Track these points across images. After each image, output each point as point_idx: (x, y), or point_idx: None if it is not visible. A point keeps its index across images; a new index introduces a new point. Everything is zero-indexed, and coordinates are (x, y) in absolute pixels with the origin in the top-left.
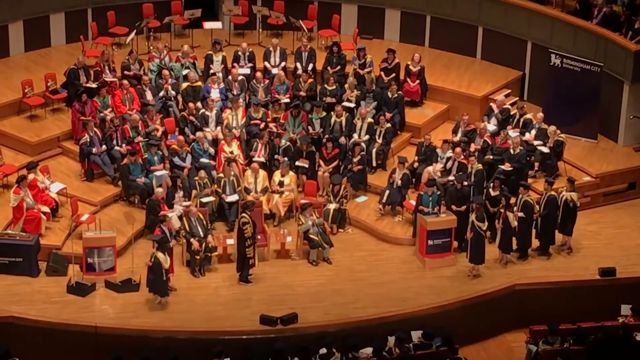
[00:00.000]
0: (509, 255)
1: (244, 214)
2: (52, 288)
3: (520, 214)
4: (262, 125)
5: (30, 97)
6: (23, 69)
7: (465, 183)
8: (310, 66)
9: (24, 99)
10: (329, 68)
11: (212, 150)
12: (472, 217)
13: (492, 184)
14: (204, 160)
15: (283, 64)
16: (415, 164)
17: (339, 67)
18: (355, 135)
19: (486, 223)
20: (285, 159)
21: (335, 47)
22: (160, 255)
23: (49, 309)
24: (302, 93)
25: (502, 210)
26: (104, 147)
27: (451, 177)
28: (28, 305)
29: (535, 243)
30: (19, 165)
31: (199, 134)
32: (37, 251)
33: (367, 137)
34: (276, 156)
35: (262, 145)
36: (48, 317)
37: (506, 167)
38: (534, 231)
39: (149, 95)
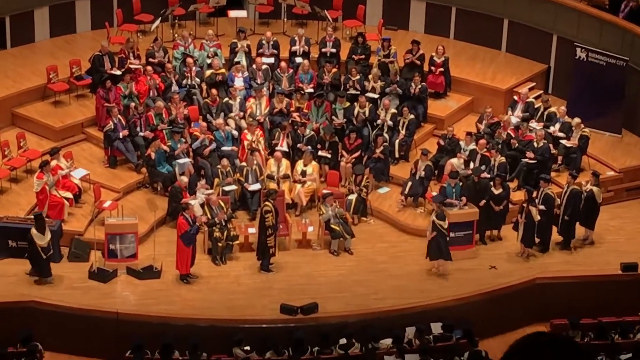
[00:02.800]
0: (531, 249)
1: (267, 202)
2: (74, 274)
3: (542, 207)
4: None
5: (54, 82)
6: (48, 54)
7: (483, 175)
8: (334, 50)
9: (49, 85)
10: (353, 58)
11: (235, 133)
12: (433, 216)
13: (493, 182)
14: (226, 148)
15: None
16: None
17: (363, 58)
18: (382, 114)
19: (447, 222)
20: (309, 147)
21: (360, 37)
22: (34, 232)
23: (70, 295)
24: (327, 79)
25: (524, 205)
26: (126, 131)
27: (469, 171)
28: (50, 290)
29: (557, 237)
30: (42, 150)
31: (218, 120)
32: (60, 237)
33: (391, 123)
34: (298, 145)
35: (284, 135)
36: (70, 302)
37: (529, 157)
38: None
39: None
